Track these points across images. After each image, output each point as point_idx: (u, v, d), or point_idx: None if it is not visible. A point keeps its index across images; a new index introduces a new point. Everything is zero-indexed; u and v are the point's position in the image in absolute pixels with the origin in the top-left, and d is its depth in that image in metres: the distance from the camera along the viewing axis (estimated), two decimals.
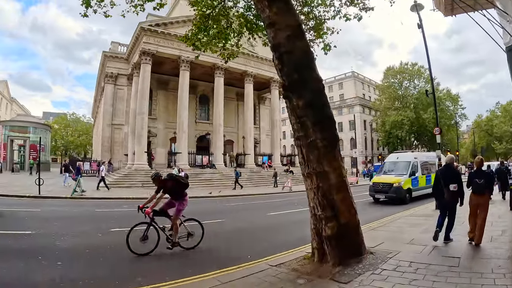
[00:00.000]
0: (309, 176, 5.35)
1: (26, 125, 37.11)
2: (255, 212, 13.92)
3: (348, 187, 5.41)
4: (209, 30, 8.51)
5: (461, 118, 52.51)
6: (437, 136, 13.11)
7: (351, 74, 65.49)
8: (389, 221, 10.16)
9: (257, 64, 33.20)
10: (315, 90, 5.43)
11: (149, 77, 27.98)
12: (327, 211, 5.16)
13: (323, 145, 5.22)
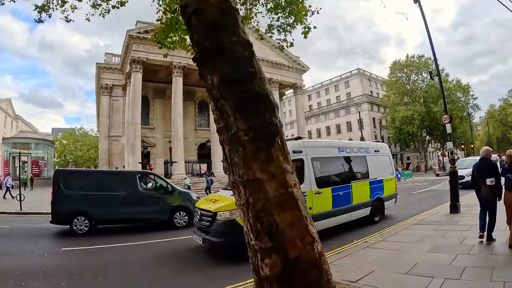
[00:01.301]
0: (235, 187, 3.31)
1: (28, 142, 36.59)
2: None
3: (299, 203, 3.31)
4: (178, 26, 7.15)
5: (473, 109, 49.51)
6: (447, 125, 10.93)
7: (357, 72, 62.95)
8: (392, 232, 8.12)
9: None
10: (236, 59, 3.29)
11: (140, 85, 26.62)
12: (263, 240, 3.06)
13: (248, 139, 3.07)
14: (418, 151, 54.05)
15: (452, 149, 11.12)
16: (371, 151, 10.59)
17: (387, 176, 10.84)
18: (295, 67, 34.37)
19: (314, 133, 67.50)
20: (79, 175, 11.63)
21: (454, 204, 10.16)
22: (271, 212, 2.97)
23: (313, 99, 72.24)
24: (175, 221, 10.78)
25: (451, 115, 44.51)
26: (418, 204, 14.00)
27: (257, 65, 3.19)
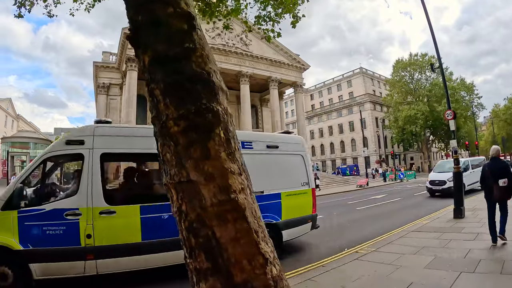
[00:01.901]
0: (168, 190, 2.43)
1: (27, 141, 35.82)
2: None
3: (247, 213, 2.37)
4: None
5: (477, 108, 48.21)
6: (451, 122, 9.98)
7: (359, 71, 61.78)
8: (388, 239, 7.22)
9: (253, 64, 30.57)
10: (171, 34, 2.41)
11: (136, 84, 25.91)
12: (198, 259, 2.17)
13: (180, 131, 2.18)
14: (421, 151, 52.83)
15: (456, 148, 10.13)
16: (259, 146, 6.62)
17: (293, 188, 7.01)
18: (295, 65, 33.48)
19: (317, 133, 66.50)
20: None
21: (458, 209, 9.25)
22: (208, 224, 2.07)
23: (316, 99, 71.23)
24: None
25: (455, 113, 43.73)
26: (418, 207, 13.09)
27: (199, 40, 2.28)
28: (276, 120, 31.55)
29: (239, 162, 2.19)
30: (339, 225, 10.26)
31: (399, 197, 17.33)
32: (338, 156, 60.71)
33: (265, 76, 31.53)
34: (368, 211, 13.11)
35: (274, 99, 31.82)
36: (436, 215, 10.24)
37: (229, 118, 2.26)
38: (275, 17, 6.95)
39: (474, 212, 10.02)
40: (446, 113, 10.09)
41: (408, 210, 12.37)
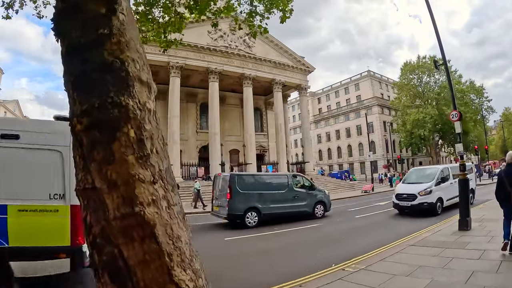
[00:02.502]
0: (78, 197, 1.85)
1: None
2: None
3: (158, 231, 1.68)
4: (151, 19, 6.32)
5: (487, 111, 46.42)
6: (456, 123, 9.08)
7: (367, 74, 60.48)
8: (381, 254, 6.44)
9: (256, 66, 29.91)
10: (86, 19, 1.83)
11: None
12: (102, 280, 1.58)
13: (83, 129, 1.59)
14: (430, 155, 51.25)
15: (462, 153, 9.22)
16: None
17: (34, 200, 4.47)
18: (300, 68, 32.72)
19: (324, 136, 65.37)
20: (249, 178, 13.03)
21: (464, 220, 8.35)
22: (114, 241, 1.76)
23: (323, 102, 70.16)
24: (315, 213, 13.07)
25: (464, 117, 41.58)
26: (422, 216, 12.10)
27: (120, 25, 1.83)
28: (280, 123, 30.79)
29: (155, 168, 1.72)
30: (332, 236, 9.43)
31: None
32: (345, 161, 59.45)
33: (269, 79, 30.85)
34: (368, 220, 12.24)
35: (277, 102, 31.07)
36: (439, 226, 9.36)
37: (146, 114, 1.78)
38: (264, 12, 6.53)
39: (481, 223, 9.09)
40: (451, 114, 9.20)
41: (411, 219, 11.46)
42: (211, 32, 28.15)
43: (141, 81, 1.78)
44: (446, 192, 12.33)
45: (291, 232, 10.27)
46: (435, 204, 11.84)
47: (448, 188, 12.46)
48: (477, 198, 17.51)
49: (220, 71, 27.77)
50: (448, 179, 12.72)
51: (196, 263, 1.83)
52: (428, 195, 11.79)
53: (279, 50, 31.63)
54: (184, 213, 1.84)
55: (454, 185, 11.92)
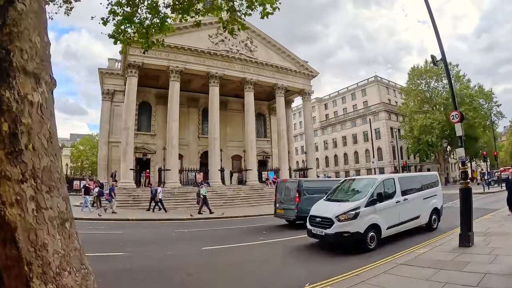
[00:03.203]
0: None
1: None
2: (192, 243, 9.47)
3: (22, 236, 1.54)
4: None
5: (497, 116, 44.74)
6: (457, 125, 8.12)
7: (374, 79, 59.25)
8: (364, 275, 5.59)
9: (257, 70, 29.19)
10: None
11: (135, 90, 25.09)
12: None
13: None
14: (438, 162, 49.59)
15: (463, 158, 8.28)
16: None
17: None
18: (303, 72, 31.87)
19: (330, 143, 64.15)
20: (313, 183, 14.26)
21: (465, 235, 7.40)
22: None
23: (330, 108, 69.09)
24: None
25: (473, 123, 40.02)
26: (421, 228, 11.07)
27: (17, 16, 1.72)
28: (282, 129, 29.91)
29: (27, 166, 1.59)
30: (321, 248, 8.53)
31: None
32: (351, 167, 58.06)
33: (271, 83, 30.08)
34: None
35: (280, 107, 30.25)
36: (439, 240, 8.40)
37: (26, 107, 1.64)
38: (247, 10, 6.27)
39: (486, 238, 8.10)
40: (451, 115, 8.25)
41: (409, 232, 10.42)
42: (212, 36, 27.68)
43: (26, 72, 1.67)
44: (386, 215, 8.32)
45: None
46: (364, 234, 7.65)
47: (392, 209, 8.56)
48: (485, 206, 16.41)
49: (220, 75, 27.16)
50: (392, 196, 8.73)
51: (67, 278, 1.60)
52: (352, 220, 7.65)
53: (281, 55, 30.90)
54: (68, 219, 1.68)
55: (404, 204, 8.87)
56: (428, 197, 10.06)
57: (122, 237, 10.78)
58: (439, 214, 10.52)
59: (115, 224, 14.33)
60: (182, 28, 26.76)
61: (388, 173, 48.44)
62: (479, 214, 13.01)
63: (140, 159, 29.98)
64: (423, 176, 11.17)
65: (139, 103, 31.02)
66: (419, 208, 9.61)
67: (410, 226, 9.26)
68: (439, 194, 10.73)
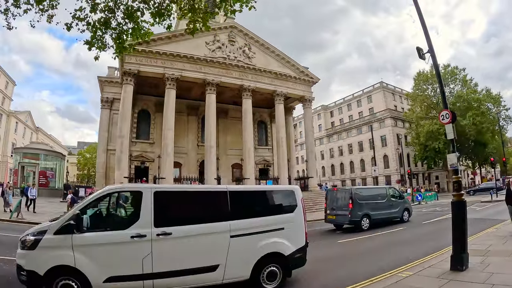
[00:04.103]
0: None
1: (38, 152, 35.87)
2: None
3: None
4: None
5: (505, 121, 42.71)
6: (448, 126, 6.85)
7: (379, 85, 57.56)
8: None
9: (256, 77, 28.36)
10: None
11: (131, 98, 24.59)
12: None
13: None
14: (446, 169, 47.59)
15: (455, 166, 7.04)
16: None
17: None
18: (303, 78, 30.87)
19: (336, 151, 62.49)
20: (363, 190, 15.59)
21: (458, 256, 6.23)
22: None
23: (335, 116, 67.54)
24: (403, 217, 15.26)
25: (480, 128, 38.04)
26: (415, 243, 9.94)
27: None
28: (281, 137, 28.85)
29: None
30: None
31: (402, 226, 13.98)
32: (357, 176, 56.21)
33: (270, 90, 29.18)
34: (347, 246, 10.16)
35: (279, 114, 29.26)
36: (431, 260, 7.26)
37: None
38: (214, 8, 6.26)
39: (485, 259, 6.91)
40: (441, 115, 7.00)
41: (399, 248, 9.32)
42: (209, 43, 27.08)
43: None
44: (103, 258, 4.66)
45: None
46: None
47: (121, 250, 4.77)
48: (490, 216, 15.10)
49: (217, 82, 26.43)
50: (126, 224, 5.03)
51: None
52: (28, 251, 4.60)
53: (280, 61, 30.03)
54: None
55: (160, 243, 4.91)
56: (257, 232, 5.60)
57: None
58: (288, 267, 5.85)
59: None
60: (178, 35, 26.27)
61: (394, 182, 46.66)
62: (482, 226, 11.85)
63: (138, 167, 29.39)
64: (248, 193, 6.36)
65: (139, 111, 30.63)
66: (213, 252, 5.25)
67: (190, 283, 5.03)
68: (294, 227, 6.03)
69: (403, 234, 12.18)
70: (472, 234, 9.93)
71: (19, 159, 35.12)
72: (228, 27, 28.29)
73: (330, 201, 14.48)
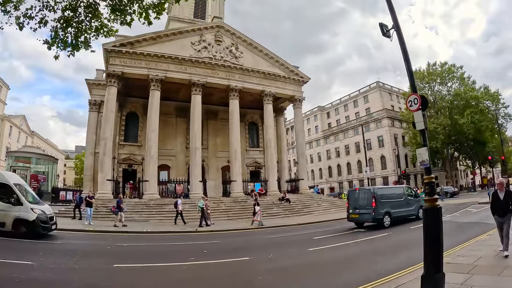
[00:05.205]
0: None
1: (30, 156, 35.17)
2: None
3: None
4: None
5: (505, 119, 40.93)
6: (416, 114, 5.50)
7: (376, 85, 55.91)
8: None
9: (243, 77, 27.09)
10: None
11: (115, 100, 23.62)
12: None
13: None
14: (445, 169, 45.85)
15: (427, 163, 5.46)
16: None
17: None
18: (293, 78, 29.56)
19: (333, 152, 60.85)
20: (383, 190, 16.28)
21: (430, 278, 4.81)
22: None
23: (332, 117, 66.03)
24: (419, 215, 15.01)
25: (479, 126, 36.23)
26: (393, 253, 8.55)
27: None
28: (269, 138, 27.53)
29: None
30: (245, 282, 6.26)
31: (387, 232, 12.59)
32: (355, 177, 54.48)
33: (258, 90, 27.92)
34: (318, 254, 8.84)
35: (268, 114, 27.93)
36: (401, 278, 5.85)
37: None
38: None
39: (469, 277, 5.53)
40: (409, 100, 5.67)
41: (373, 259, 7.99)
42: (194, 44, 25.91)
43: None
44: None
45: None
46: None
47: None
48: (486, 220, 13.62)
49: (203, 83, 25.21)
50: None
51: None
52: None
53: (269, 60, 28.75)
54: None
55: None
56: None
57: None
58: None
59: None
60: (163, 36, 25.20)
61: (391, 183, 45.01)
62: (476, 231, 10.51)
63: (126, 170, 28.29)
64: None
65: (127, 114, 29.54)
66: None
67: None
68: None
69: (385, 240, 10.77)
70: (462, 242, 8.82)
71: (11, 162, 34.30)
72: (215, 26, 27.14)
73: (352, 201, 15.02)
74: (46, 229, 11.30)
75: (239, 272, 7.07)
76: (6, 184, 11.02)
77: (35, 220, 10.73)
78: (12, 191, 10.94)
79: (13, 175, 13.34)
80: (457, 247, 8.15)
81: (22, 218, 10.63)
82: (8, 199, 10.86)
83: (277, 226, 16.94)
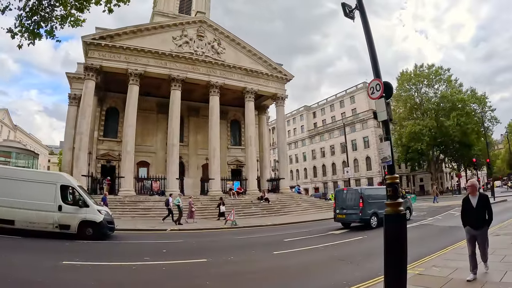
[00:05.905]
0: None
1: (10, 150, 34.41)
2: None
3: None
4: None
5: (491, 122, 41.40)
6: (378, 102, 5.12)
7: (363, 86, 56.21)
8: None
9: (224, 73, 26.95)
10: None
11: (92, 93, 23.23)
12: None
13: None
14: (430, 171, 46.34)
15: (389, 160, 5.01)
16: None
17: None
18: (276, 75, 29.52)
19: (318, 152, 60.95)
20: (370, 190, 15.82)
21: None
22: None
23: (318, 117, 66.15)
24: (406, 216, 13.61)
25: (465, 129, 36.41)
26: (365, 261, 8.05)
27: None
28: (250, 136, 27.45)
29: None
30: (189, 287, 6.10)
31: (362, 235, 12.07)
32: (339, 177, 54.65)
33: (240, 87, 27.82)
34: (281, 259, 8.49)
35: (249, 112, 27.86)
36: None
37: None
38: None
39: None
40: (370, 87, 5.28)
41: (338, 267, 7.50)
42: (176, 38, 25.70)
43: None
44: None
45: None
46: None
47: None
48: None
49: (183, 78, 25.02)
50: None
51: None
52: None
53: (252, 57, 28.68)
54: None
55: None
56: None
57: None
58: None
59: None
60: (144, 30, 24.94)
61: (376, 184, 45.37)
62: (456, 237, 9.50)
63: (104, 166, 27.93)
64: None
65: (107, 109, 29.17)
66: None
67: None
68: None
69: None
70: (440, 248, 8.42)
71: None
72: (198, 21, 26.96)
73: (339, 201, 14.87)
74: (111, 229, 11.47)
75: (188, 275, 6.74)
76: (69, 186, 11.09)
77: (102, 221, 10.84)
78: (76, 194, 11.03)
79: (71, 177, 13.04)
80: (434, 254, 7.73)
81: (89, 219, 10.67)
82: (73, 201, 10.93)
83: (252, 226, 16.72)
